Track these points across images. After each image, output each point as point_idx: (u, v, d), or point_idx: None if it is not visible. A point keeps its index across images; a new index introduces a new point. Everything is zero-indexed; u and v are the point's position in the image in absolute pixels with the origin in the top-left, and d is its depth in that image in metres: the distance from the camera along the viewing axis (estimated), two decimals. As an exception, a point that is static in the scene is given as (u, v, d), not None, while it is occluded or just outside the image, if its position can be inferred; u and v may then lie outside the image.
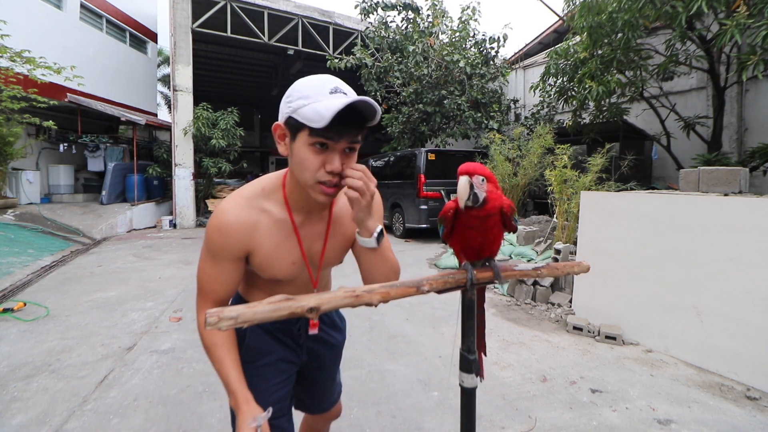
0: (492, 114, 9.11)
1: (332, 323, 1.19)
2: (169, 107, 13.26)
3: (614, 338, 2.98)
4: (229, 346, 0.92)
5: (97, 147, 10.62)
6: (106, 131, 11.62)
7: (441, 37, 9.85)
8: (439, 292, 0.90)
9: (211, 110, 10.07)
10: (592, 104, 5.95)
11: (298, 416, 1.28)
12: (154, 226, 9.77)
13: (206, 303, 0.92)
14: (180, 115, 9.71)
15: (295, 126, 0.81)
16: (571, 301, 3.67)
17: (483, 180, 0.87)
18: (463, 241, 0.97)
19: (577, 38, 6.02)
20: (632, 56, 5.43)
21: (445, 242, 1.05)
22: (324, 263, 1.03)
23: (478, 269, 0.98)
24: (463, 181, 0.86)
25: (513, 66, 10.81)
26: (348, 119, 0.77)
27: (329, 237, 1.00)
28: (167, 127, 11.69)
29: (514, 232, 1.02)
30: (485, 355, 1.24)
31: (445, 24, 9.82)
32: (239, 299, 1.06)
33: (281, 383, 1.06)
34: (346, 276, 4.99)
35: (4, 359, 2.67)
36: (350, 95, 0.80)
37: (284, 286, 0.99)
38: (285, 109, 0.83)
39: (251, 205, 0.91)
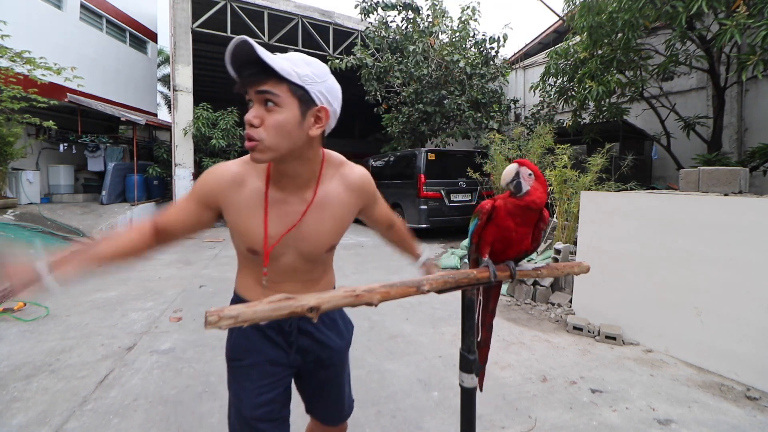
0: (492, 114, 9.10)
1: (332, 323, 1.12)
2: (169, 107, 13.25)
3: (614, 338, 2.98)
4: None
5: (97, 147, 10.60)
6: (106, 131, 11.60)
7: (441, 37, 9.84)
8: (439, 292, 0.91)
9: (211, 110, 10.06)
10: (592, 104, 5.94)
11: (304, 419, 1.28)
12: (154, 226, 9.76)
13: (153, 219, 0.96)
14: (180, 115, 9.70)
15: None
16: (571, 301, 3.67)
17: (530, 174, 0.94)
18: (498, 232, 0.99)
19: (577, 38, 6.02)
20: (632, 56, 5.43)
21: (472, 241, 1.05)
22: (308, 246, 0.99)
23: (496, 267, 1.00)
24: (510, 167, 0.93)
25: (513, 66, 10.80)
26: (247, 70, 0.82)
27: (308, 219, 0.97)
28: (167, 127, 11.69)
29: (534, 250, 1.05)
30: (484, 364, 1.18)
31: (445, 24, 9.80)
32: (237, 299, 1.05)
33: (269, 386, 1.02)
34: (346, 276, 5.04)
35: (4, 359, 2.66)
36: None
37: (265, 265, 0.98)
38: None
39: (246, 166, 0.96)
